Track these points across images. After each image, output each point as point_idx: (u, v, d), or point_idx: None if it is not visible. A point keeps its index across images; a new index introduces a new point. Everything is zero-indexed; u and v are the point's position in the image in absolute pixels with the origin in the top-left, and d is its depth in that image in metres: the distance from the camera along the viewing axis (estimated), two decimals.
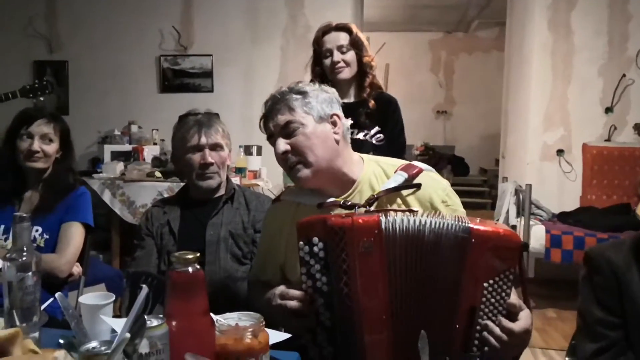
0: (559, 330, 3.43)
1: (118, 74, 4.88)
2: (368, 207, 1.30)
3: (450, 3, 7.35)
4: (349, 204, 1.32)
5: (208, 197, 1.87)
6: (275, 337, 1.11)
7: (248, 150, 4.20)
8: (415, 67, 9.00)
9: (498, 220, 4.00)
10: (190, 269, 0.98)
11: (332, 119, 1.38)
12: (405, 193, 1.36)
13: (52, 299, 1.61)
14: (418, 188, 1.35)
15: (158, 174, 3.95)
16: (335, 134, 1.37)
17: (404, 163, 1.43)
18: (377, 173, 1.41)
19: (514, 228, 3.89)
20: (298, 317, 1.23)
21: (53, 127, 1.98)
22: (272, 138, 1.39)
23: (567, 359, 1.46)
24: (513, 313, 1.18)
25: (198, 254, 0.99)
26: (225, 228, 1.81)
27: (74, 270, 1.97)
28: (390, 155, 1.55)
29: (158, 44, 4.86)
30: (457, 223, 1.17)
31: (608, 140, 4.38)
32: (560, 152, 4.45)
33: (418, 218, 1.18)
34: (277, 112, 1.36)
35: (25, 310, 1.15)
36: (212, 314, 1.02)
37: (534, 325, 1.35)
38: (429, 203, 1.35)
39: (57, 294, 1.10)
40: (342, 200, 1.35)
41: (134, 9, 4.85)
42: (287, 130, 1.35)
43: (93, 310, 1.12)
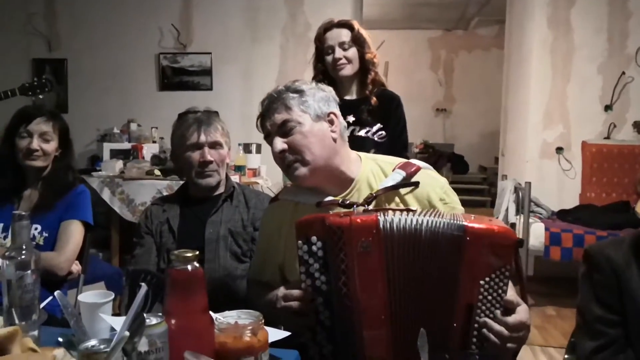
0: (559, 328, 3.42)
1: (117, 72, 4.87)
2: (366, 205, 1.30)
3: (450, 1, 7.33)
4: (348, 203, 1.32)
5: (207, 195, 1.87)
6: (275, 335, 1.11)
7: (247, 148, 4.20)
8: (415, 65, 8.99)
9: (497, 218, 4.00)
10: (190, 267, 0.98)
11: (329, 118, 1.38)
12: (404, 191, 1.36)
13: (51, 297, 1.60)
14: (416, 186, 1.36)
15: (157, 172, 3.95)
16: (333, 133, 1.37)
17: (402, 161, 1.43)
18: (375, 171, 1.40)
19: (514, 226, 3.89)
20: (298, 315, 1.23)
21: (52, 125, 1.98)
22: (269, 137, 1.39)
23: (566, 357, 1.46)
24: (510, 309, 1.18)
25: (197, 252, 0.99)
26: (225, 226, 1.81)
27: (73, 269, 1.98)
28: (393, 153, 1.55)
29: (157, 42, 4.86)
30: (452, 221, 1.17)
31: (607, 138, 4.38)
32: (560, 149, 4.45)
33: (415, 217, 1.19)
34: (274, 111, 1.36)
35: (25, 309, 1.15)
36: (211, 312, 1.02)
37: (533, 323, 1.35)
38: (427, 201, 1.35)
39: (56, 292, 1.10)
40: (340, 199, 1.35)
41: (133, 7, 4.84)
42: (284, 129, 1.34)
43: (92, 309, 1.12)
